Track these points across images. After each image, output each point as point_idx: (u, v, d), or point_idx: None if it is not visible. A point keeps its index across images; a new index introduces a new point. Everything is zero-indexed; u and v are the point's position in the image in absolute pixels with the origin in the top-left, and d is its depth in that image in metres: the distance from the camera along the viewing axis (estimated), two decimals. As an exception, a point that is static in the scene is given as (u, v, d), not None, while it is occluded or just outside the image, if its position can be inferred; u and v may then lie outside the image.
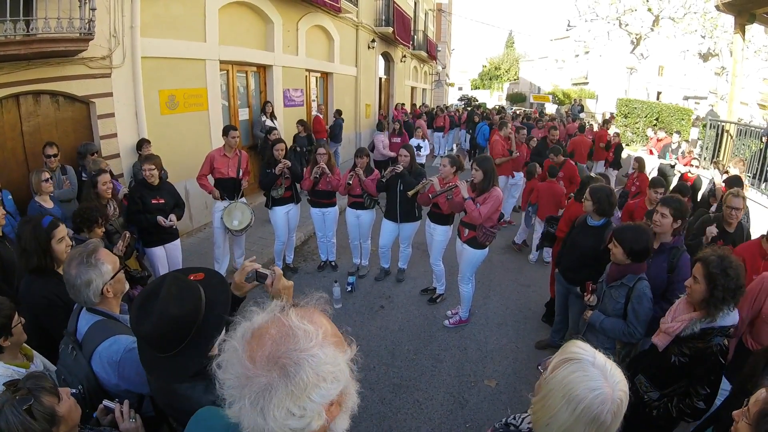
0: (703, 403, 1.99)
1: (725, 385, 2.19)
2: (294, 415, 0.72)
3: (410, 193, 4.35)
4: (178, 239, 4.27)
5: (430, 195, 4.23)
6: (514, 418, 1.33)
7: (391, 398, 3.32)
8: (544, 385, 1.07)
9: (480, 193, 3.85)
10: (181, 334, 1.19)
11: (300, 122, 8.48)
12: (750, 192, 6.57)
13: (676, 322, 2.09)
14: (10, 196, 3.75)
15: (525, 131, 8.14)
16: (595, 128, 12.96)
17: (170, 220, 3.93)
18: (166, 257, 4.12)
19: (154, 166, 3.92)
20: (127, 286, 1.87)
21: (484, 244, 3.97)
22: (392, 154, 9.17)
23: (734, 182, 4.53)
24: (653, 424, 2.15)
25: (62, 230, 2.38)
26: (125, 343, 1.59)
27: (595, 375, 1.00)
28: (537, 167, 6.35)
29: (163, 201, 3.94)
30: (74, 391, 1.49)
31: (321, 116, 9.86)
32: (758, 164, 6.90)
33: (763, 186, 6.81)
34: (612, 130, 10.99)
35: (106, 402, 1.50)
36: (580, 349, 1.07)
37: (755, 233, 3.84)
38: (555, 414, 1.01)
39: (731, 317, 2.00)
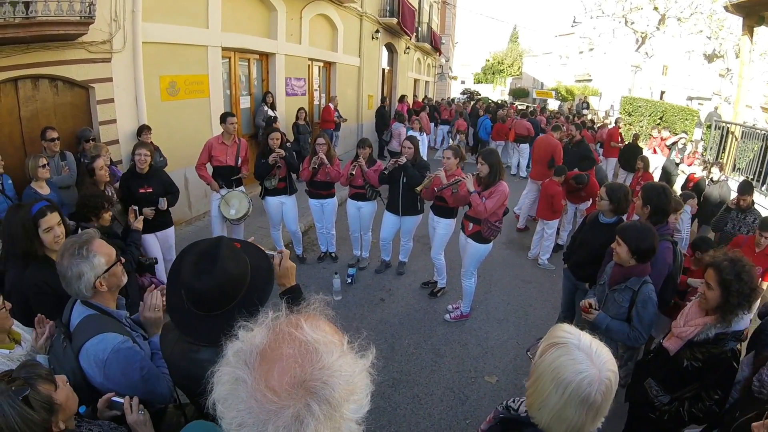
0: (716, 407, 1.95)
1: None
2: None
3: (417, 189, 4.30)
4: (172, 227, 4.22)
5: (435, 189, 4.19)
6: (513, 401, 1.40)
7: (390, 393, 3.30)
8: (534, 370, 1.10)
9: (486, 187, 3.81)
10: (235, 293, 1.24)
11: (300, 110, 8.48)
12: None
13: (689, 326, 2.04)
14: (10, 181, 3.71)
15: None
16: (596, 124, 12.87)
17: (161, 206, 3.89)
18: (158, 244, 4.08)
19: (147, 152, 3.86)
20: (125, 280, 1.76)
21: (489, 239, 3.94)
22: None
23: (745, 188, 4.47)
24: (661, 427, 2.12)
25: (49, 220, 2.22)
26: (113, 342, 1.52)
27: (581, 358, 1.02)
28: (566, 169, 5.93)
29: (150, 190, 3.86)
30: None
31: (332, 107, 9.76)
32: (760, 166, 6.87)
33: (764, 188, 6.79)
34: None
35: (114, 397, 1.45)
36: (565, 332, 1.09)
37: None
38: (546, 397, 1.04)
39: (744, 321, 1.96)
